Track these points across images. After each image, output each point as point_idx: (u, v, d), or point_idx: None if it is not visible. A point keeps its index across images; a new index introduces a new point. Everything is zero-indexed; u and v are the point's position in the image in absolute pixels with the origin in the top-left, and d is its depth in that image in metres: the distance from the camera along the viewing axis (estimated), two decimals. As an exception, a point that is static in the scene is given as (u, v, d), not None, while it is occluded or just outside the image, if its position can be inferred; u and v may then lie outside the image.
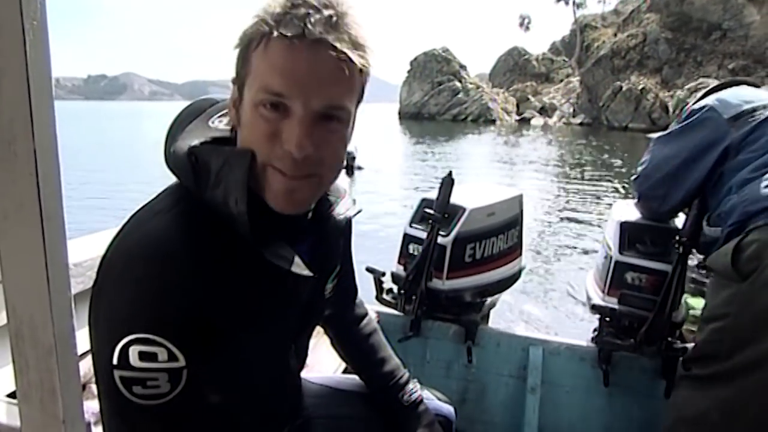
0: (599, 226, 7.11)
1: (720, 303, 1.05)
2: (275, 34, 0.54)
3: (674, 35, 32.84)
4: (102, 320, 0.57)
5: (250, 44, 0.56)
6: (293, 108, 0.55)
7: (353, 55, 0.55)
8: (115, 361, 0.53)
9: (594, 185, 10.81)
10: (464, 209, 1.53)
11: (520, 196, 1.70)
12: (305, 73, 0.54)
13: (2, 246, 0.51)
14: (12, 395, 0.87)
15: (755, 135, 1.16)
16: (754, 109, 1.19)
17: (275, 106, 0.55)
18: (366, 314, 0.99)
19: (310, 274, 0.64)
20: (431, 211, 1.51)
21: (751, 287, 1.00)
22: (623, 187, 10.41)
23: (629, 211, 1.48)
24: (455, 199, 1.54)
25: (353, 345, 0.97)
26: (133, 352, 0.53)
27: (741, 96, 1.24)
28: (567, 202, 8.98)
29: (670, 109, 29.12)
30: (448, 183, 1.51)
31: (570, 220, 7.54)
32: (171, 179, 0.64)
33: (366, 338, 0.96)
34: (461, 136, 25.77)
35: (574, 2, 52.27)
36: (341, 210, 0.75)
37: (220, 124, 0.67)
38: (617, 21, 39.42)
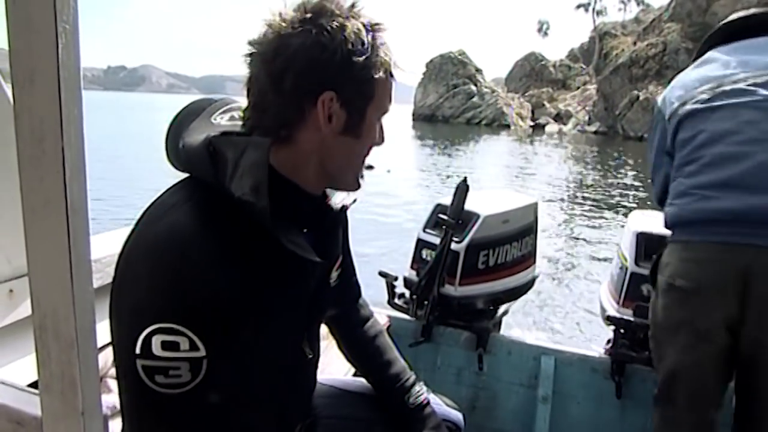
0: (613, 236, 7.03)
1: (650, 309, 1.14)
2: (393, 67, 0.68)
3: (695, 46, 32.19)
4: (124, 312, 0.59)
5: (375, 75, 0.66)
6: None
7: None
8: (138, 350, 0.55)
9: (607, 195, 10.69)
10: (478, 216, 1.53)
11: (535, 204, 1.69)
12: None
13: (29, 240, 0.53)
14: (33, 385, 0.90)
15: (680, 137, 1.10)
16: (684, 103, 1.11)
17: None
18: (371, 316, 0.99)
19: (320, 260, 0.67)
20: (445, 217, 1.51)
21: (654, 300, 1.10)
22: (635, 197, 10.28)
23: (646, 221, 1.46)
24: (469, 205, 1.54)
25: (358, 347, 0.97)
26: (156, 341, 0.54)
27: (687, 83, 1.15)
28: (580, 210, 8.88)
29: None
30: (462, 189, 1.51)
31: (584, 228, 7.46)
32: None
33: (371, 340, 0.96)
34: (475, 140, 25.67)
35: (594, 9, 51.87)
36: (337, 199, 0.79)
37: (222, 121, 0.70)
38: (637, 29, 38.90)
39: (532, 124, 39.35)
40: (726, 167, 0.99)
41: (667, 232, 1.17)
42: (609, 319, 1.40)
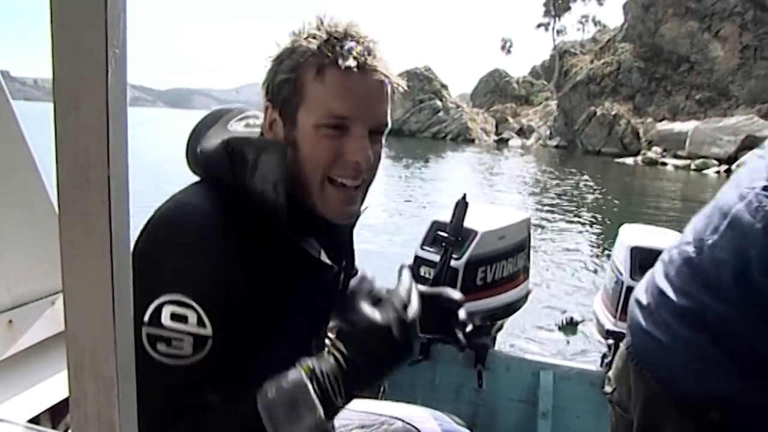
0: (581, 243, 7.27)
1: None
2: (331, 65, 0.62)
3: (646, 65, 34.13)
4: (137, 283, 0.56)
5: (301, 74, 0.63)
6: (353, 127, 0.64)
7: (393, 79, 0.66)
8: (146, 319, 0.56)
9: (571, 206, 11.04)
10: (476, 232, 1.54)
11: (528, 220, 1.72)
12: (362, 97, 0.64)
13: (66, 275, 0.49)
14: (33, 420, 0.83)
15: None
16: None
17: (336, 127, 0.63)
18: None
19: (331, 263, 0.70)
20: (445, 234, 1.52)
21: None
22: (595, 207, 10.68)
23: (638, 236, 1.52)
24: (465, 221, 1.55)
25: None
26: (166, 312, 0.56)
27: None
28: (563, 223, 9.13)
29: (641, 136, 30.10)
30: (462, 206, 1.52)
31: (558, 236, 7.67)
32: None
33: None
34: (442, 155, 26.06)
35: (554, 28, 54.13)
36: None
37: (238, 127, 0.74)
38: (594, 48, 40.81)
39: (496, 138, 40.38)
40: None
41: (661, 246, 1.19)
42: (608, 333, 1.44)
